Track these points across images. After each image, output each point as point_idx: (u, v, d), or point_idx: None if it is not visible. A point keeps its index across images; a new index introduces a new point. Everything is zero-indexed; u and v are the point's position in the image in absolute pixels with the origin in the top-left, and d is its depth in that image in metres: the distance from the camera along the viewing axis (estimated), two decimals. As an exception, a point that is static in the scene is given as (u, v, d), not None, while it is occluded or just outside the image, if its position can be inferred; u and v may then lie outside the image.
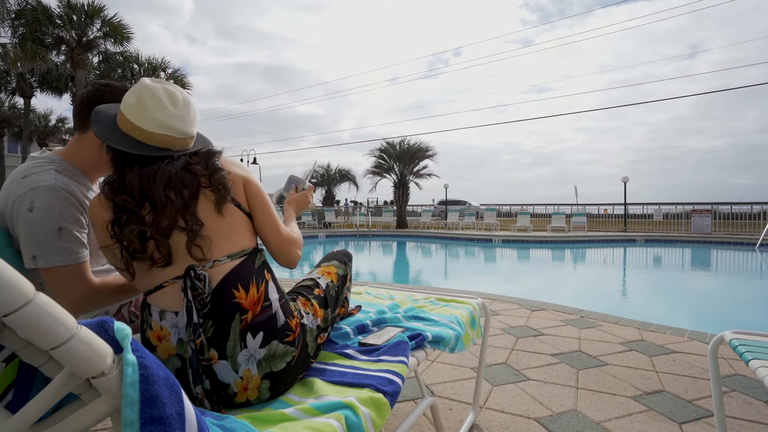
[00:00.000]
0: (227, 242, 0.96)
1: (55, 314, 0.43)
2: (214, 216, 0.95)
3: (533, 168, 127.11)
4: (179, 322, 0.90)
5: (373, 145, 22.13)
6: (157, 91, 0.96)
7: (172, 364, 0.91)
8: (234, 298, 0.91)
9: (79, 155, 1.27)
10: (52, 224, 1.13)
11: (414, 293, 1.96)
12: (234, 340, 0.90)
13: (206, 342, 0.89)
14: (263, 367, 0.93)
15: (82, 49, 16.46)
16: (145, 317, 0.95)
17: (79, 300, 1.17)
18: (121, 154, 0.95)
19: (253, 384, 0.92)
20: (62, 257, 1.13)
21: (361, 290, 2.01)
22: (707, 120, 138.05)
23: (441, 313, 1.60)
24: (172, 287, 0.92)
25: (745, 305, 5.62)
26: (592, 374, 2.16)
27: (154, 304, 0.93)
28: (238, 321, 0.91)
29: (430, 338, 1.32)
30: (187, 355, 0.89)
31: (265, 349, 0.93)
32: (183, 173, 0.94)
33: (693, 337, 2.72)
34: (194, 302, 0.88)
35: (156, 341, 0.92)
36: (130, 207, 0.91)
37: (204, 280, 0.90)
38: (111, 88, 1.30)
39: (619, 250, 12.09)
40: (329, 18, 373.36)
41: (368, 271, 8.96)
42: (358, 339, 1.33)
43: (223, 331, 0.90)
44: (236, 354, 0.90)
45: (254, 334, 0.92)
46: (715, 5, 22.64)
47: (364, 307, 1.70)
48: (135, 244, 0.89)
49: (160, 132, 0.95)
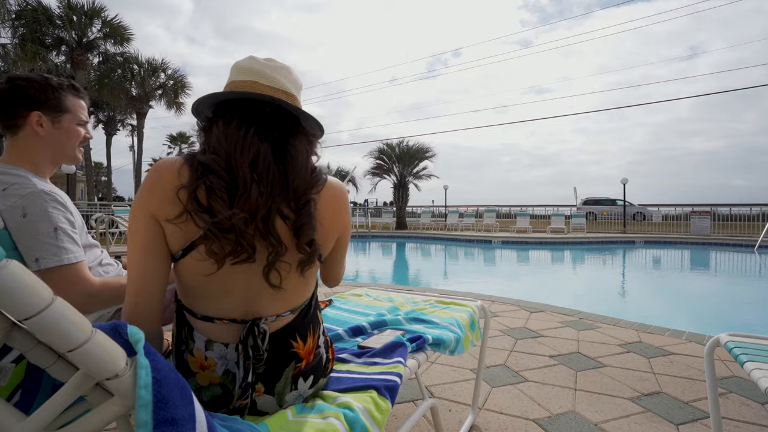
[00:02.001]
0: (296, 297, 0.90)
1: (72, 318, 0.45)
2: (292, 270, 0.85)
3: (532, 169, 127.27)
4: (228, 354, 0.85)
5: (372, 146, 22.16)
6: (254, 57, 0.91)
7: (212, 392, 0.85)
8: (292, 348, 0.89)
9: (23, 157, 1.24)
10: (48, 225, 1.15)
11: (413, 295, 1.98)
12: (285, 382, 0.88)
13: (254, 377, 0.85)
14: (309, 400, 0.94)
15: (83, 49, 16.49)
16: (185, 338, 0.87)
17: (81, 300, 1.19)
18: None
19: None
20: (62, 257, 1.15)
21: (360, 292, 2.03)
22: (707, 122, 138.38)
23: (441, 315, 1.61)
24: (228, 327, 0.85)
25: (743, 307, 5.64)
26: (591, 376, 2.18)
27: (199, 329, 0.85)
28: (292, 368, 0.89)
29: (431, 341, 1.34)
30: (234, 389, 0.84)
31: (312, 389, 0.94)
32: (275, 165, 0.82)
33: (691, 339, 2.74)
34: (252, 358, 0.83)
35: (197, 369, 0.85)
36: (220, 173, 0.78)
37: (264, 334, 0.85)
38: (34, 83, 1.23)
39: (618, 252, 12.12)
40: (329, 19, 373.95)
41: (368, 272, 8.98)
42: (356, 342, 1.34)
43: (275, 374, 0.87)
44: (285, 393, 0.89)
45: (305, 378, 0.92)
46: (714, 7, 22.70)
47: (363, 310, 1.71)
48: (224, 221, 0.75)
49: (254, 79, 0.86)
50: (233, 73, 0.90)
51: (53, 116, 1.27)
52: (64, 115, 1.29)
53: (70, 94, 1.30)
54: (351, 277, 8.15)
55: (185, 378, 0.73)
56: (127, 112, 23.15)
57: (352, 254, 12.61)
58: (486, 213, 18.68)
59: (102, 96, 19.12)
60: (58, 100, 1.27)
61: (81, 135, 1.35)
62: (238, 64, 0.90)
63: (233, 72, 0.90)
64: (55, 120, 1.27)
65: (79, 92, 1.34)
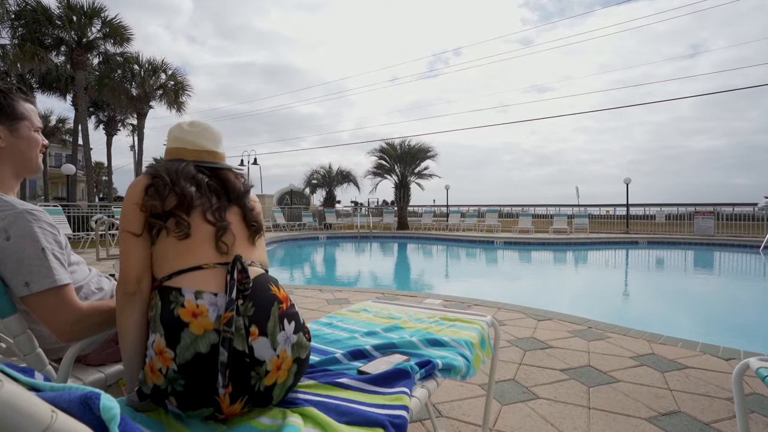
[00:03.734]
0: (258, 256, 1.13)
1: (24, 408, 0.37)
2: (245, 240, 1.11)
3: (534, 168, 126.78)
4: (218, 301, 0.95)
5: (373, 146, 22.06)
6: (183, 124, 1.21)
7: (208, 339, 0.91)
8: (271, 291, 1.02)
9: None
10: (35, 246, 1.08)
11: (417, 310, 1.89)
12: (274, 322, 0.97)
13: (247, 321, 0.94)
14: (295, 351, 0.99)
15: (82, 50, 16.42)
16: (173, 298, 0.94)
17: (68, 327, 1.11)
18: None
19: (286, 365, 0.97)
20: (54, 278, 1.08)
21: (358, 308, 1.94)
22: (708, 120, 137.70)
23: (449, 335, 1.53)
24: (212, 271, 0.99)
25: (754, 312, 5.54)
26: (604, 392, 2.09)
27: (186, 285, 0.95)
28: (276, 307, 0.99)
29: (441, 366, 1.25)
30: (226, 332, 0.90)
31: (296, 336, 1.01)
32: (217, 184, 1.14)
33: (705, 350, 2.65)
34: (237, 285, 0.96)
35: (190, 318, 0.91)
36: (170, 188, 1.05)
37: (246, 270, 0.99)
38: None
39: (621, 253, 12.03)
40: (329, 17, 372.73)
41: (369, 273, 8.90)
42: (355, 366, 1.25)
43: (263, 313, 0.97)
44: (276, 333, 0.96)
45: (289, 321, 1.00)
46: (716, 6, 22.55)
47: (362, 328, 1.61)
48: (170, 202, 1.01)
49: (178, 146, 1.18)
50: (168, 140, 1.20)
51: (9, 125, 1.16)
52: (21, 122, 1.18)
53: (21, 99, 1.19)
54: (353, 279, 8.08)
55: (178, 332, 0.89)
56: (127, 112, 23.10)
57: (354, 255, 12.54)
58: (488, 213, 18.58)
59: (102, 96, 19.06)
60: (11, 107, 1.17)
61: (40, 142, 1.25)
62: (170, 132, 1.20)
63: (168, 139, 1.20)
64: (12, 129, 1.17)
65: (28, 96, 1.23)
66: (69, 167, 13.90)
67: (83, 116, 17.57)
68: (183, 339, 0.89)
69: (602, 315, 4.71)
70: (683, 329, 4.52)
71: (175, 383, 0.89)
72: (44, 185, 26.54)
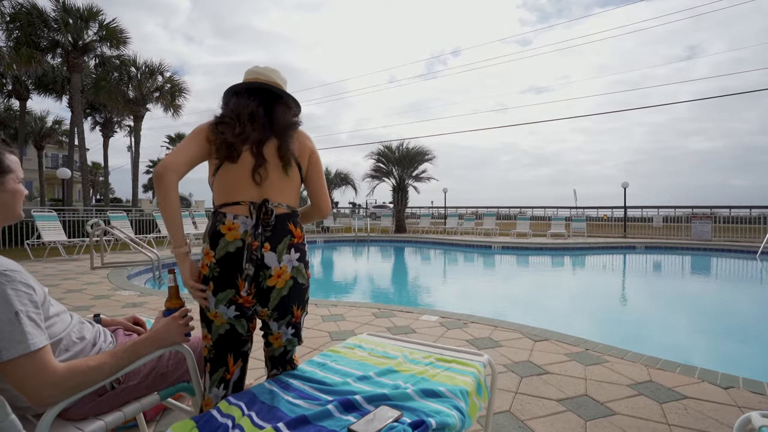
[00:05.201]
0: (287, 198, 1.50)
1: None
2: (279, 171, 1.46)
3: (532, 168, 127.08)
4: (247, 222, 1.40)
5: (371, 147, 22.03)
6: (259, 65, 1.58)
7: (235, 245, 1.38)
8: (288, 227, 1.46)
9: None
10: (8, 310, 1.03)
11: (413, 348, 1.85)
12: (284, 245, 1.43)
13: (263, 239, 1.40)
14: (294, 271, 1.45)
15: (78, 52, 16.33)
16: (219, 219, 1.41)
17: (45, 392, 1.07)
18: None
19: (284, 276, 1.42)
20: (25, 345, 1.03)
21: (353, 344, 1.89)
22: (706, 121, 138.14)
23: (444, 382, 1.49)
24: (246, 206, 1.41)
25: (750, 322, 5.52)
26: (601, 426, 2.06)
27: (229, 212, 1.41)
28: (289, 238, 1.45)
29: (434, 426, 1.21)
30: (248, 240, 1.38)
31: (298, 263, 1.46)
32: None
33: (703, 377, 2.62)
34: (261, 220, 1.40)
35: (226, 231, 1.39)
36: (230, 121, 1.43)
37: (272, 212, 1.42)
38: None
39: (619, 258, 12.02)
40: (328, 18, 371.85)
41: (366, 282, 8.86)
42: (345, 423, 1.21)
43: (277, 238, 1.42)
44: (282, 252, 1.42)
45: (296, 251, 1.46)
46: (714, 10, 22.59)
47: (355, 371, 1.57)
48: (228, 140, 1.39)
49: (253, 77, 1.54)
50: (245, 75, 1.56)
51: None
52: (7, 175, 1.17)
53: (6, 152, 1.18)
54: (350, 288, 8.04)
55: (217, 239, 1.39)
56: (124, 114, 22.98)
57: (351, 261, 12.49)
58: (486, 216, 18.57)
59: (99, 98, 18.94)
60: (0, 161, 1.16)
61: (23, 193, 1.23)
62: (248, 70, 1.56)
63: (245, 75, 1.56)
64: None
65: (10, 146, 1.22)
66: (64, 171, 13.81)
67: (79, 119, 17.46)
68: (219, 244, 1.39)
69: (599, 329, 4.69)
70: (681, 344, 4.49)
71: (214, 271, 1.38)
72: (40, 187, 26.38)
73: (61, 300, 4.92)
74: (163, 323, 1.35)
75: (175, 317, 1.37)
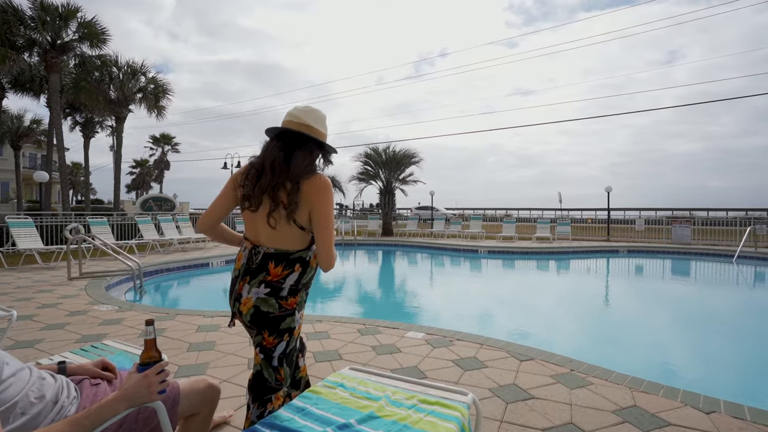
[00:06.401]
0: (280, 241, 1.66)
1: None
2: (283, 217, 1.63)
3: (517, 169, 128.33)
4: (246, 254, 1.71)
5: (358, 150, 21.90)
6: (298, 106, 1.73)
7: (235, 273, 1.73)
8: (267, 266, 1.65)
9: None
10: None
11: (396, 387, 1.79)
12: (257, 281, 1.65)
13: (249, 275, 1.67)
14: (258, 301, 1.65)
15: (57, 51, 15.86)
16: (241, 248, 1.78)
17: None
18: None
19: (249, 304, 1.66)
20: None
21: (334, 383, 1.83)
22: (686, 123, 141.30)
23: (427, 430, 1.45)
24: (249, 244, 1.72)
25: (728, 331, 5.63)
26: (586, 459, 2.04)
27: (244, 242, 1.76)
28: (263, 275, 1.65)
29: (415, 488, 1.17)
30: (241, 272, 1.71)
31: (266, 296, 1.65)
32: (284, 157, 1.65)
33: (686, 400, 2.63)
34: (248, 263, 1.69)
35: (236, 258, 1.77)
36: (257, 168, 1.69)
37: (259, 254, 1.67)
38: None
39: (602, 263, 12.19)
40: (315, 16, 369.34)
41: (352, 291, 8.80)
42: None
43: (255, 274, 1.66)
44: (252, 287, 1.65)
45: (266, 287, 1.65)
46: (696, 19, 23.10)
47: (337, 417, 1.52)
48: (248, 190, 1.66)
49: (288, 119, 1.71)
50: (285, 115, 1.72)
51: None
52: None
53: None
54: (335, 298, 7.96)
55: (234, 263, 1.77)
56: (105, 114, 22.45)
57: (338, 264, 12.40)
58: (472, 219, 18.65)
59: (79, 99, 18.46)
60: None
61: None
62: (288, 111, 1.71)
63: (285, 117, 1.72)
64: None
65: None
66: (42, 175, 13.41)
67: (58, 119, 16.98)
68: (234, 267, 1.76)
69: (583, 339, 4.71)
70: (663, 355, 4.54)
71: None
72: (17, 188, 25.61)
73: (35, 317, 4.74)
74: (135, 381, 1.27)
75: (147, 374, 1.29)
